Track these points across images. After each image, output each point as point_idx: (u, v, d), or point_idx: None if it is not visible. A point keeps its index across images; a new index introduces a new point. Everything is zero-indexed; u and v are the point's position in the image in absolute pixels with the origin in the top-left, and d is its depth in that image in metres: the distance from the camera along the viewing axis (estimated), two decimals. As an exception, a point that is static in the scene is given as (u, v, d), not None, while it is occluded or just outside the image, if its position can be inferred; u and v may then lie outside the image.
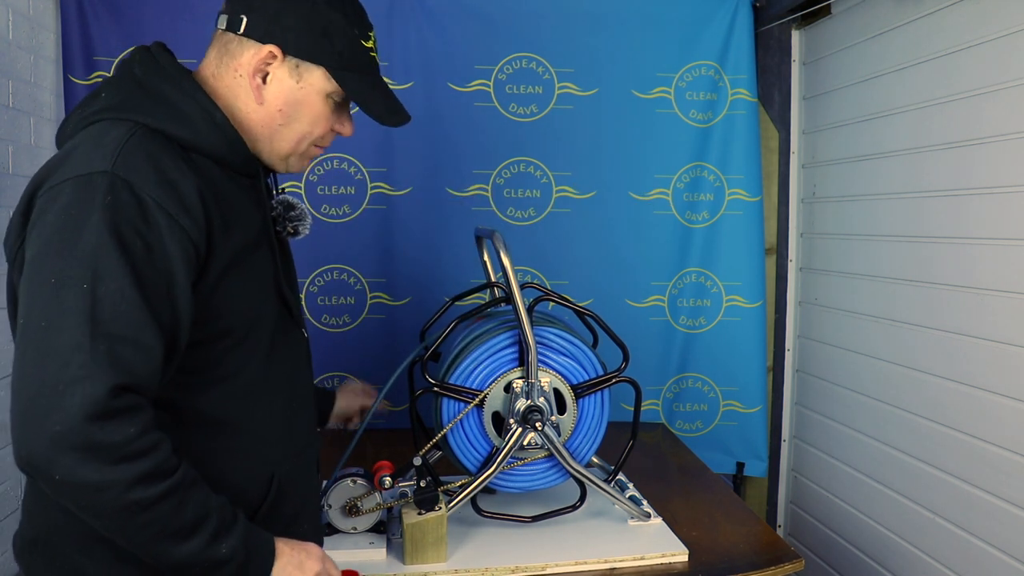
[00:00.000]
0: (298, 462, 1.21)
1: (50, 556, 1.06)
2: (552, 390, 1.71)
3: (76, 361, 0.87)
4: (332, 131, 1.19)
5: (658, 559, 1.65)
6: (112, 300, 0.90)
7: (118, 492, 0.89)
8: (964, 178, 1.92)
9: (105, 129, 1.00)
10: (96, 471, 0.87)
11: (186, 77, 1.08)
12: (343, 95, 1.15)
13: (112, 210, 0.92)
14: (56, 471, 0.87)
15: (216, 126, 1.07)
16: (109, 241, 0.91)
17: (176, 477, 0.94)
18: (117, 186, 0.93)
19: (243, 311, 1.08)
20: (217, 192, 1.05)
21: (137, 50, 1.10)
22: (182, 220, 0.96)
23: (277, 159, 1.17)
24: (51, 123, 2.22)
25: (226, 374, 1.08)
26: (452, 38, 2.51)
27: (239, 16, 1.08)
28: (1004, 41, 1.79)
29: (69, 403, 0.86)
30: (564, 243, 2.62)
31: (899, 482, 2.17)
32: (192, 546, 0.96)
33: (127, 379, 0.90)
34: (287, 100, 1.11)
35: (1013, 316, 1.78)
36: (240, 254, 1.07)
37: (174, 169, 0.99)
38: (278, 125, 1.13)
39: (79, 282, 0.89)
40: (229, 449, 1.09)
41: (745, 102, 2.63)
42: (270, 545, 1.06)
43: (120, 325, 0.90)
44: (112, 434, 0.88)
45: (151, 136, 1.00)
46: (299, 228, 1.20)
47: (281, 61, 1.09)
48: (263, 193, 1.15)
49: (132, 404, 0.91)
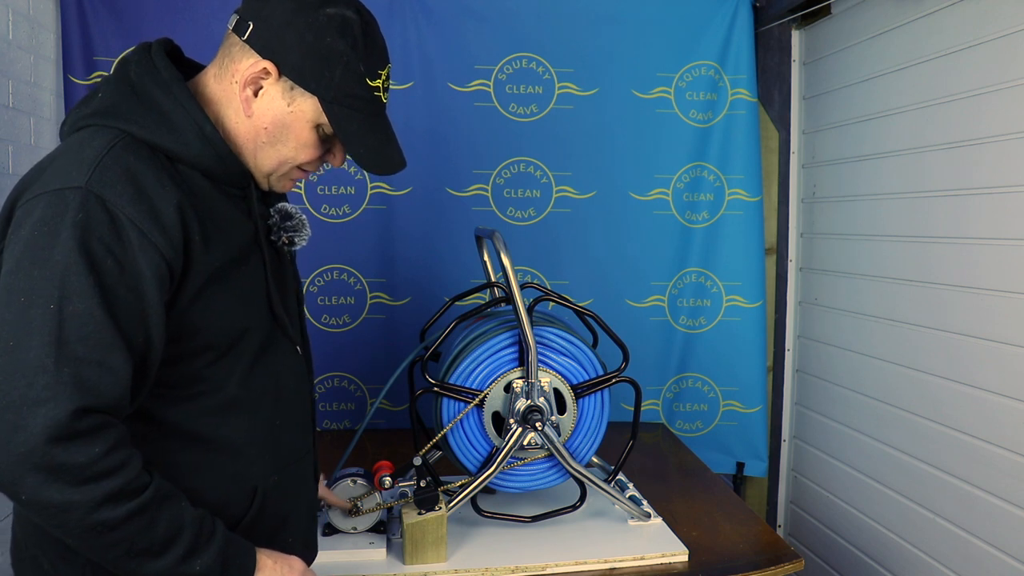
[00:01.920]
0: (286, 476, 1.19)
1: (35, 560, 1.06)
2: (552, 390, 1.71)
3: (40, 382, 0.86)
4: (320, 159, 1.14)
5: (658, 559, 1.65)
6: (80, 320, 0.89)
7: (83, 512, 0.88)
8: (964, 178, 1.92)
9: (89, 138, 0.98)
10: (59, 492, 0.87)
11: (179, 84, 1.04)
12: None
13: (83, 228, 0.90)
14: (21, 491, 0.86)
15: (205, 139, 1.03)
16: (79, 260, 0.89)
17: (146, 495, 0.93)
18: (90, 202, 0.91)
19: (225, 326, 1.05)
20: (201, 206, 1.02)
21: (138, 49, 1.08)
22: (155, 238, 0.94)
23: (259, 175, 1.12)
24: (51, 123, 2.21)
25: (205, 389, 1.06)
26: (452, 38, 2.51)
27: (247, 21, 1.05)
28: (1004, 41, 1.79)
29: (32, 424, 0.85)
30: (564, 243, 2.62)
31: (899, 482, 2.17)
32: (164, 562, 0.95)
33: (92, 401, 0.89)
34: (274, 120, 1.07)
35: (1013, 316, 1.78)
36: (223, 268, 1.04)
37: (154, 184, 0.96)
38: (262, 142, 1.08)
39: (47, 302, 0.88)
40: (207, 462, 1.07)
41: (745, 102, 2.63)
42: (251, 558, 1.05)
43: (87, 346, 0.89)
44: (75, 455, 0.87)
45: (135, 147, 0.98)
46: (295, 239, 1.17)
47: (276, 79, 1.05)
48: (254, 204, 1.12)
49: (96, 424, 0.89)
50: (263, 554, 1.08)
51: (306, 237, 1.19)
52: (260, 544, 1.09)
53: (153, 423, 1.03)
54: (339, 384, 2.58)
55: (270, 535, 1.15)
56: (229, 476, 1.10)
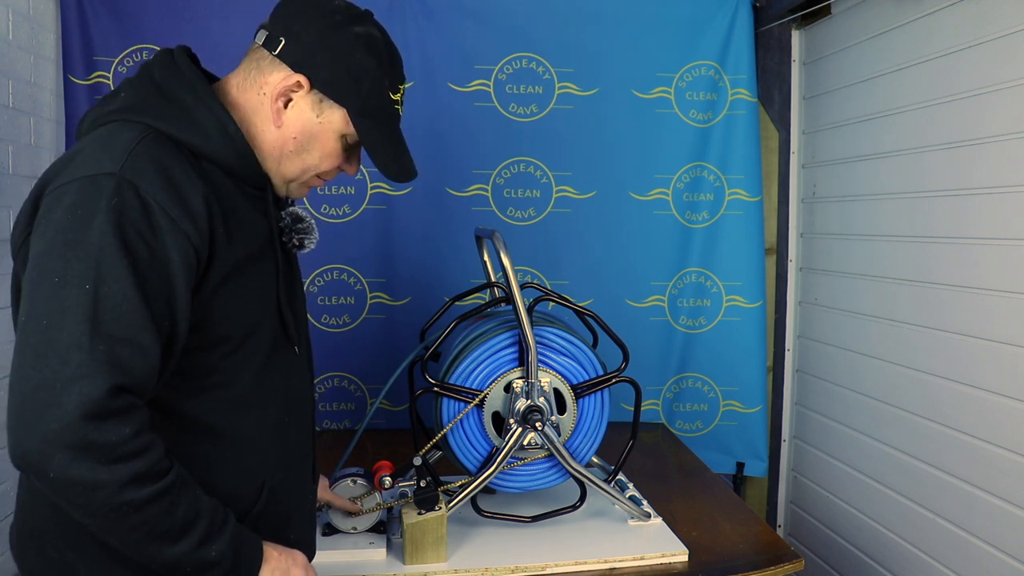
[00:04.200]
0: (290, 473, 1.21)
1: (41, 550, 1.07)
2: (552, 390, 1.71)
3: (75, 360, 0.88)
4: (338, 168, 1.20)
5: (658, 559, 1.65)
6: (114, 301, 0.91)
7: (110, 492, 0.90)
8: (964, 178, 1.92)
9: (117, 130, 1.00)
10: (90, 470, 0.88)
11: (203, 85, 1.08)
12: (357, 139, 1.16)
13: (117, 212, 0.92)
14: (50, 469, 0.87)
15: (228, 137, 1.07)
16: (113, 242, 0.91)
17: (168, 479, 0.95)
18: (123, 188, 0.93)
19: (240, 320, 1.08)
20: (223, 201, 1.05)
21: (160, 53, 1.11)
22: (185, 226, 0.97)
23: (280, 181, 1.17)
24: (51, 123, 2.22)
25: (220, 381, 1.08)
26: (452, 38, 2.51)
27: (278, 37, 1.10)
28: (1004, 41, 1.79)
29: (66, 401, 0.87)
30: (564, 243, 2.63)
31: (899, 482, 2.17)
32: (182, 547, 0.96)
33: (125, 379, 0.91)
34: (303, 130, 1.12)
35: (1013, 316, 1.78)
36: (242, 264, 1.07)
37: (181, 175, 0.99)
38: (289, 151, 1.13)
39: (82, 282, 0.90)
40: (219, 455, 1.09)
41: (745, 102, 2.63)
42: (259, 549, 1.07)
43: (120, 326, 0.91)
44: (107, 434, 0.89)
45: (162, 141, 1.01)
46: (305, 241, 1.20)
47: (307, 92, 1.10)
48: (271, 205, 1.16)
49: (128, 405, 0.91)
50: (268, 546, 1.10)
51: (315, 240, 1.22)
52: (265, 539, 1.10)
53: (168, 414, 1.04)
54: (339, 384, 2.58)
55: (274, 531, 1.16)
56: (239, 470, 1.11)
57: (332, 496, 1.61)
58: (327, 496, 1.60)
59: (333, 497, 1.61)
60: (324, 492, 1.60)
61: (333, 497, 1.61)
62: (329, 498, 1.61)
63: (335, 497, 1.61)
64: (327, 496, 1.60)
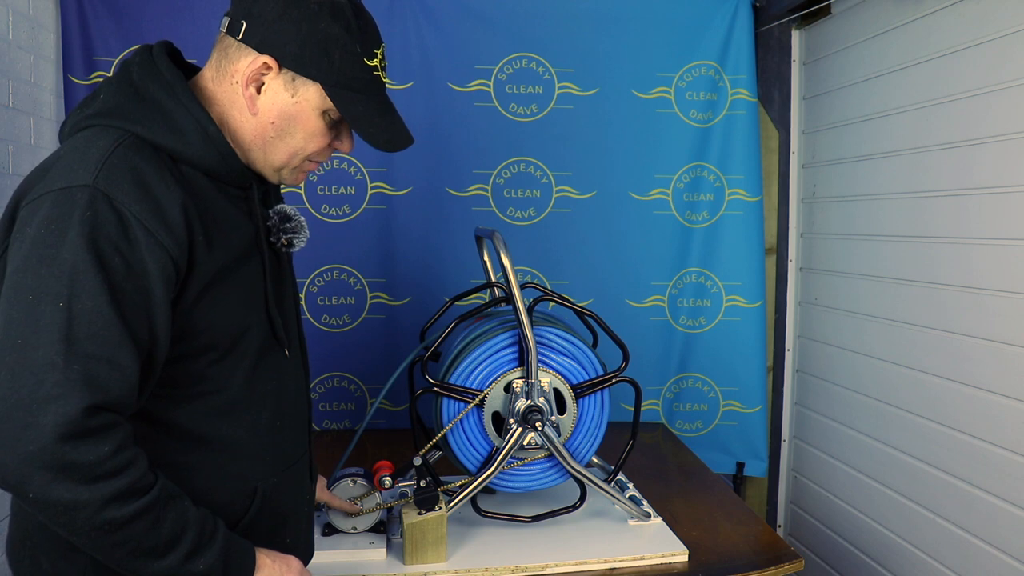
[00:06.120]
0: (285, 477, 1.19)
1: (35, 560, 1.06)
2: (552, 390, 1.71)
3: (50, 379, 0.86)
4: (330, 147, 1.15)
5: (658, 559, 1.65)
6: (89, 318, 0.89)
7: (92, 511, 0.89)
8: (964, 178, 1.92)
9: (93, 137, 0.98)
10: (69, 490, 0.87)
11: (181, 85, 1.05)
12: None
13: (91, 225, 0.90)
14: (30, 489, 0.86)
15: (208, 138, 1.04)
16: (87, 257, 0.89)
17: (152, 495, 0.94)
18: (97, 200, 0.91)
19: (226, 327, 1.06)
20: (204, 206, 1.03)
21: (139, 51, 1.08)
22: (162, 237, 0.94)
23: (270, 170, 1.13)
24: (51, 123, 2.22)
25: (209, 389, 1.06)
26: (452, 38, 2.51)
27: (239, 21, 1.06)
28: (1004, 41, 1.79)
29: (42, 422, 0.85)
30: (564, 243, 2.62)
31: (899, 482, 2.17)
32: (168, 562, 0.95)
33: (101, 398, 0.89)
34: (280, 114, 1.08)
35: (1013, 316, 1.78)
36: (225, 269, 1.04)
37: (159, 183, 0.97)
38: (270, 137, 1.09)
39: (55, 299, 0.88)
40: (210, 462, 1.08)
41: (745, 102, 2.63)
42: (251, 557, 1.06)
43: (96, 343, 0.89)
44: (85, 454, 0.87)
45: (139, 147, 0.98)
46: (293, 240, 1.17)
47: (276, 73, 1.06)
48: (255, 204, 1.13)
49: (106, 423, 0.90)
50: (262, 553, 1.08)
51: (304, 239, 1.19)
52: (259, 544, 1.09)
53: (156, 424, 1.03)
54: (339, 384, 2.58)
55: (269, 535, 1.15)
56: (230, 476, 1.10)
57: (330, 497, 1.61)
58: (325, 497, 1.60)
59: (331, 498, 1.61)
60: (322, 493, 1.59)
61: (331, 498, 1.61)
62: (327, 499, 1.60)
63: (333, 498, 1.61)
64: (325, 497, 1.60)
